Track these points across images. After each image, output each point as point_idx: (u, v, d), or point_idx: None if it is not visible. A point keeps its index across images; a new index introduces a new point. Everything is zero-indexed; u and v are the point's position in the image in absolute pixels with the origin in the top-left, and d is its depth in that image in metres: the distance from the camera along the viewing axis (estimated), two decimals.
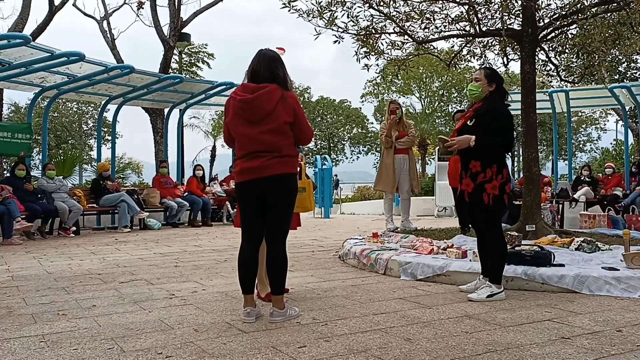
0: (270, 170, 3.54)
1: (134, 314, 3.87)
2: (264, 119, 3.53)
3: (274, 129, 3.54)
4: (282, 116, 3.54)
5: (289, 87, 3.65)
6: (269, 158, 3.54)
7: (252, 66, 3.64)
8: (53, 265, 6.26)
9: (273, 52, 3.71)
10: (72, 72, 10.50)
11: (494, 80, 4.31)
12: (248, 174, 3.59)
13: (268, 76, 3.58)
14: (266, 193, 3.59)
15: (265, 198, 3.61)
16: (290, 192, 3.68)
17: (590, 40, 7.09)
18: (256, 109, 3.53)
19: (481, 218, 4.28)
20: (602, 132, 36.41)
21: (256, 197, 3.63)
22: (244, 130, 3.58)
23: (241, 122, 3.59)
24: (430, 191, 15.73)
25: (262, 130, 3.53)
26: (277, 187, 3.58)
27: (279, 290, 3.68)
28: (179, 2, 17.07)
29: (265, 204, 3.63)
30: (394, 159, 8.27)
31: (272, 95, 3.53)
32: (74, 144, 30.89)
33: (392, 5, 7.00)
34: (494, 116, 4.22)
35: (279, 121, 3.54)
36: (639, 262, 4.59)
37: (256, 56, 3.67)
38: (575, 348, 2.99)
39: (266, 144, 3.54)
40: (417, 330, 3.37)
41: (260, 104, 3.52)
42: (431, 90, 34.15)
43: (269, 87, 3.54)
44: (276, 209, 3.63)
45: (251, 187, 3.61)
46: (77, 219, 10.16)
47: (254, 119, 3.54)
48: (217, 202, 12.49)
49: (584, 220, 8.92)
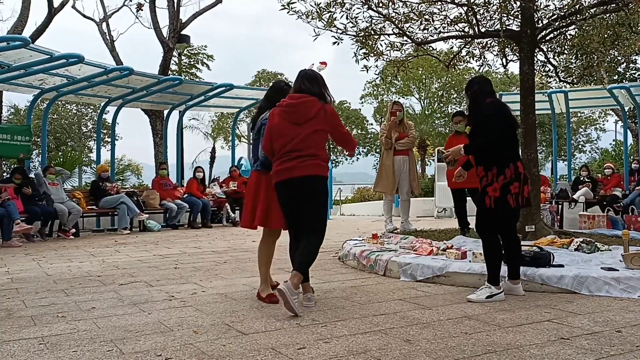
0: (303, 171, 3.98)
1: (133, 316, 3.87)
2: (305, 122, 4.04)
3: (312, 133, 4.04)
4: (320, 123, 4.06)
5: (327, 101, 4.16)
6: (303, 160, 3.99)
7: (296, 84, 4.22)
8: (52, 268, 6.25)
9: (313, 72, 4.32)
10: (72, 74, 10.50)
11: (471, 86, 4.50)
12: (283, 174, 4.03)
13: (308, 92, 4.12)
14: (299, 191, 4.01)
15: (299, 196, 4.02)
16: (320, 192, 4.07)
17: (589, 41, 7.10)
18: (300, 112, 4.06)
19: (483, 219, 4.30)
20: (601, 132, 36.37)
21: (291, 195, 4.05)
22: (288, 131, 4.04)
23: (287, 124, 4.06)
24: (430, 192, 15.74)
25: (303, 132, 4.02)
26: (308, 187, 4.00)
27: (302, 268, 3.97)
28: (178, 4, 17.09)
29: (299, 202, 4.05)
30: (393, 160, 8.26)
31: (313, 104, 4.07)
32: (73, 146, 30.82)
33: (391, 7, 7.00)
34: (481, 119, 4.34)
35: (317, 127, 4.05)
36: (638, 263, 4.59)
37: (299, 76, 4.22)
38: (574, 349, 2.99)
39: (305, 143, 4.01)
40: (417, 331, 3.38)
41: (304, 109, 4.06)
42: (430, 92, 34.12)
43: (310, 97, 4.09)
44: (307, 207, 4.04)
45: (286, 186, 4.04)
46: (77, 221, 10.16)
47: (298, 121, 4.05)
48: (217, 204, 12.49)
49: (584, 220, 8.92)
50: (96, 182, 11.31)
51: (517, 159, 4.27)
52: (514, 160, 4.23)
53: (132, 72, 10.74)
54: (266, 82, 37.69)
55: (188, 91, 12.96)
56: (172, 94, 12.72)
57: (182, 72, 23.26)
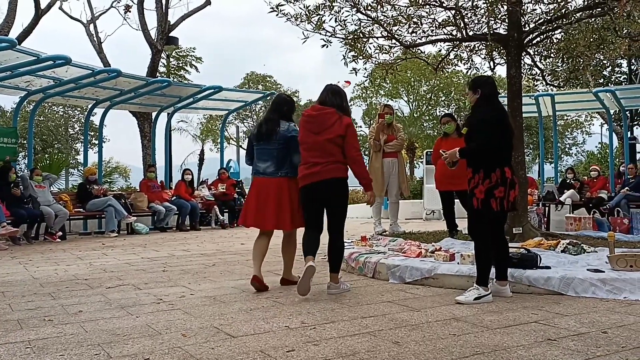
0: (326, 174, 4.52)
1: (121, 319, 3.85)
2: (323, 131, 4.56)
3: (331, 139, 4.53)
4: (337, 130, 4.53)
5: (345, 113, 4.67)
6: (325, 165, 4.52)
7: (321, 96, 4.76)
8: (39, 271, 6.20)
9: (336, 87, 4.85)
10: (59, 76, 10.43)
11: (478, 88, 4.46)
12: (308, 179, 4.57)
13: (330, 104, 4.65)
14: (323, 193, 4.56)
15: (322, 198, 4.58)
16: (342, 192, 4.65)
17: (575, 45, 7.17)
18: (318, 122, 4.60)
19: (473, 221, 4.34)
20: (587, 135, 36.73)
21: (315, 198, 4.60)
22: (309, 139, 4.60)
23: (307, 133, 4.62)
24: (419, 194, 15.80)
25: (322, 139, 4.54)
26: (331, 189, 4.56)
27: (336, 269, 4.69)
28: (166, 6, 17.04)
29: (323, 203, 4.62)
30: (382, 163, 8.29)
31: (331, 115, 4.59)
32: (60, 148, 30.58)
33: (379, 10, 7.03)
34: (478, 123, 4.39)
35: (335, 134, 4.53)
36: (623, 264, 4.64)
37: (324, 89, 4.79)
38: (561, 350, 3.02)
39: (324, 150, 4.54)
40: (405, 333, 3.39)
41: (322, 119, 4.60)
42: (419, 94, 34.23)
43: (329, 109, 4.62)
44: (332, 207, 4.64)
45: (310, 189, 4.58)
46: (64, 223, 10.08)
47: (317, 131, 4.58)
48: (206, 207, 12.45)
49: (570, 222, 8.99)
50: (83, 185, 11.24)
51: (505, 164, 4.29)
52: (502, 165, 4.26)
53: (120, 74, 10.69)
54: (255, 85, 37.66)
55: (176, 93, 12.92)
56: (160, 96, 12.66)
57: (171, 74, 23.19)
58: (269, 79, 40.20)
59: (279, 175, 4.80)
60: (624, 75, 22.32)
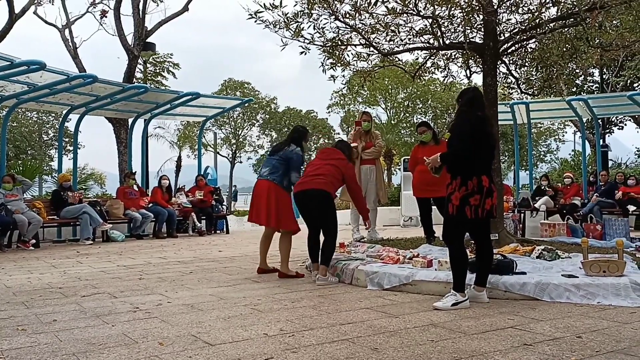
0: (312, 185, 5.60)
1: (96, 329, 3.79)
2: (330, 159, 5.82)
3: (328, 164, 5.75)
4: (337, 162, 5.78)
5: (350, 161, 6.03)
6: (315, 178, 5.63)
7: (337, 144, 6.24)
8: (12, 279, 6.07)
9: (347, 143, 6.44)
10: (33, 81, 10.25)
11: (460, 97, 4.64)
12: (299, 187, 5.69)
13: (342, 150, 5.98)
14: (310, 200, 5.63)
15: (311, 203, 5.64)
16: (324, 202, 5.60)
17: (549, 54, 7.32)
18: (329, 153, 5.97)
19: (448, 226, 4.39)
20: (560, 143, 37.40)
21: (304, 202, 5.70)
22: (316, 162, 5.88)
23: (317, 160, 5.96)
24: (397, 201, 15.88)
25: (325, 162, 5.78)
26: (315, 197, 5.58)
27: (325, 262, 5.54)
28: (143, 11, 16.89)
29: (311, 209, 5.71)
30: (360, 170, 8.32)
31: (340, 155, 5.88)
32: (33, 154, 30.06)
33: (357, 18, 7.08)
34: (457, 130, 4.50)
35: (333, 162, 5.77)
36: (597, 270, 4.73)
37: (339, 141, 6.42)
38: (537, 354, 3.06)
39: (320, 170, 5.70)
40: (384, 340, 3.40)
41: (332, 153, 5.94)
42: (396, 102, 34.49)
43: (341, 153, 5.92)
44: (320, 214, 5.66)
45: (300, 195, 5.69)
46: (37, 231, 9.89)
47: (325, 158, 5.89)
48: (183, 213, 12.35)
49: (545, 229, 9.14)
50: (57, 192, 11.04)
51: (483, 173, 4.34)
52: (479, 173, 4.31)
53: (96, 80, 10.54)
54: (233, 91, 37.56)
55: (153, 99, 12.80)
56: (137, 102, 12.53)
57: (148, 80, 22.99)
58: (247, 86, 40.14)
59: (269, 179, 5.85)
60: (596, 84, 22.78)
